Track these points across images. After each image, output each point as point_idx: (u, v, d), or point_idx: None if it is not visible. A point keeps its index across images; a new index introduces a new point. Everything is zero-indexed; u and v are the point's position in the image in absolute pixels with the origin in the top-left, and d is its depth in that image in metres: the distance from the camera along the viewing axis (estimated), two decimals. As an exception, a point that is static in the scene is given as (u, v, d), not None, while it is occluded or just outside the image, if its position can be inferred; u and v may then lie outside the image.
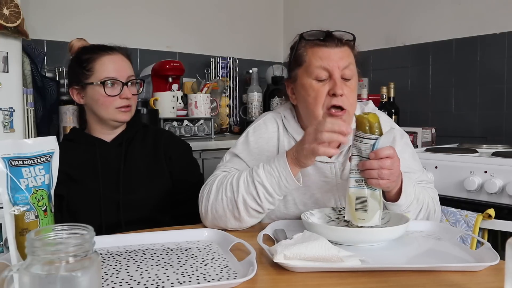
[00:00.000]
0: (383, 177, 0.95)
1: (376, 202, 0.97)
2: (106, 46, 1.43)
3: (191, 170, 1.52)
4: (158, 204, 1.39)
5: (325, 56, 1.15)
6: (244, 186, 1.05)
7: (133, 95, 1.43)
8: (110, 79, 1.38)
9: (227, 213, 1.07)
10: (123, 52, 1.45)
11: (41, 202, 0.72)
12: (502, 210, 1.56)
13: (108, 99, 1.38)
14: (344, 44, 1.18)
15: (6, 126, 1.60)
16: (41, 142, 0.75)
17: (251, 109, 2.73)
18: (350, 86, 1.16)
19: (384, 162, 0.94)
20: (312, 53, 1.17)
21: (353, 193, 0.98)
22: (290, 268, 0.81)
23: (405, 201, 1.05)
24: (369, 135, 0.96)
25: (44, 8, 2.25)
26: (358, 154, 0.97)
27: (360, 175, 0.97)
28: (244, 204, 1.05)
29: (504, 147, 1.95)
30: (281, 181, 1.03)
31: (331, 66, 1.14)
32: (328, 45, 1.16)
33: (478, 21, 2.30)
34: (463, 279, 0.77)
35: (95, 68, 1.38)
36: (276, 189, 1.04)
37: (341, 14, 2.90)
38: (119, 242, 0.98)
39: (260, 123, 1.28)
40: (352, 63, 1.18)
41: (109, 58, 1.40)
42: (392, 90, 2.38)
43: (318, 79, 1.15)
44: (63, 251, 0.53)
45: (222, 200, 1.07)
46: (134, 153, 1.43)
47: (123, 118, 1.41)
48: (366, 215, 0.97)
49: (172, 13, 2.74)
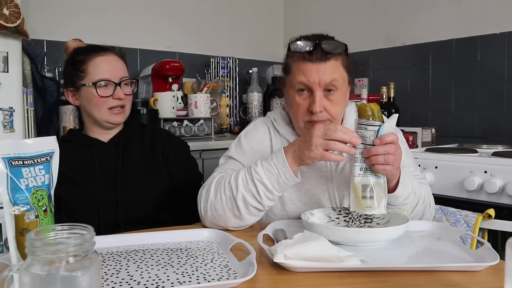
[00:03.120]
0: (388, 162, 0.97)
1: (382, 190, 0.99)
2: (100, 47, 1.43)
3: (189, 169, 1.51)
4: (156, 203, 1.39)
5: (307, 71, 1.13)
6: (243, 184, 1.05)
7: (127, 95, 1.42)
8: (103, 80, 1.38)
9: (227, 212, 1.07)
10: (117, 52, 1.45)
11: (41, 202, 0.72)
12: (502, 210, 1.56)
13: (101, 100, 1.37)
14: (331, 57, 1.14)
15: (6, 126, 1.60)
16: (41, 142, 0.75)
17: (251, 109, 2.73)
18: (334, 100, 1.15)
19: (389, 147, 0.97)
20: (296, 66, 1.16)
21: (359, 182, 0.99)
22: (290, 268, 0.81)
23: (403, 192, 1.06)
24: (373, 122, 0.98)
25: (44, 8, 2.25)
26: (363, 142, 0.99)
27: (365, 163, 0.99)
28: (244, 202, 1.05)
29: (504, 147, 1.95)
30: (280, 178, 1.03)
31: (311, 83, 1.13)
32: (314, 60, 1.13)
33: (478, 21, 2.30)
34: (463, 279, 0.77)
35: (88, 70, 1.38)
36: (275, 186, 1.04)
37: (341, 14, 2.90)
38: (119, 242, 0.98)
39: (251, 127, 1.31)
40: (338, 76, 1.15)
41: (102, 59, 1.40)
42: (392, 90, 2.38)
43: (299, 93, 1.16)
44: (63, 251, 0.53)
45: (221, 199, 1.07)
46: (131, 153, 1.43)
47: (116, 120, 1.41)
48: (372, 203, 0.98)
49: (172, 13, 2.74)
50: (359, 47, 2.79)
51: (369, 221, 1.06)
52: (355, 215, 1.07)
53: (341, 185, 1.20)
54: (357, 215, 1.06)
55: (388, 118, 0.99)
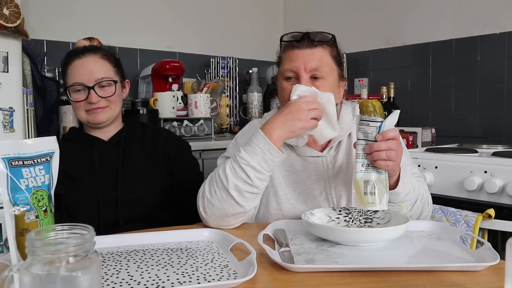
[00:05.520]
0: (390, 158, 0.98)
1: (383, 186, 1.00)
2: (80, 50, 1.41)
3: (190, 168, 1.51)
4: (157, 202, 1.39)
5: (294, 57, 1.19)
6: (232, 173, 1.06)
7: (104, 97, 1.38)
8: (76, 84, 1.37)
9: (224, 204, 1.07)
10: (102, 53, 1.42)
11: (41, 202, 0.72)
12: (502, 210, 1.56)
13: (77, 104, 1.39)
14: (317, 45, 1.19)
15: (6, 126, 1.60)
16: (41, 142, 0.75)
17: (251, 109, 2.73)
18: (321, 87, 1.16)
19: (391, 143, 0.98)
20: (286, 55, 1.22)
21: (361, 178, 1.00)
22: (290, 268, 0.81)
23: (403, 189, 1.07)
24: (374, 118, 1.00)
25: (44, 8, 2.25)
26: (365, 138, 1.00)
27: (367, 159, 1.00)
28: (237, 189, 1.06)
29: (504, 147, 1.95)
30: (266, 156, 1.05)
31: (297, 68, 1.18)
32: (301, 47, 1.19)
33: (478, 21, 2.30)
34: (463, 279, 0.77)
35: (68, 73, 1.40)
36: (263, 165, 1.06)
37: (341, 14, 2.90)
38: (119, 242, 0.98)
39: (247, 128, 1.34)
40: (325, 63, 1.19)
41: (78, 63, 1.39)
42: (392, 90, 2.38)
43: (287, 80, 1.20)
44: (64, 251, 0.53)
45: (215, 193, 1.08)
46: (132, 151, 1.43)
47: (96, 119, 1.39)
48: (375, 199, 0.99)
49: (172, 13, 2.74)
50: (359, 47, 2.79)
51: (369, 221, 1.06)
52: (355, 215, 1.07)
53: (339, 185, 1.20)
54: (357, 215, 1.06)
55: (390, 114, 1.00)
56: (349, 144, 1.25)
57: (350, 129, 1.25)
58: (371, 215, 1.05)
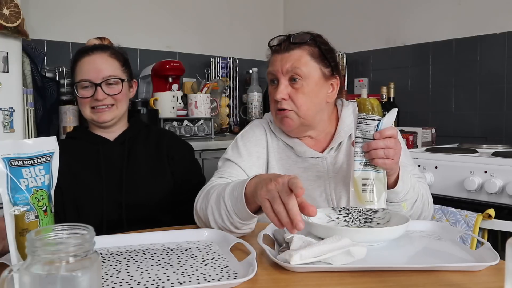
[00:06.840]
0: (388, 156, 0.98)
1: (381, 184, 1.00)
2: (89, 48, 1.43)
3: (193, 171, 1.52)
4: (159, 204, 1.40)
5: (273, 62, 1.22)
6: (219, 218, 1.00)
7: (111, 95, 1.39)
8: (83, 80, 1.39)
9: (218, 227, 1.02)
10: (111, 51, 1.44)
11: (41, 202, 0.72)
12: (502, 210, 1.56)
13: (83, 100, 1.40)
14: (294, 47, 1.19)
15: (6, 126, 1.60)
16: (41, 142, 0.75)
17: (251, 109, 2.73)
18: (299, 88, 1.18)
19: (389, 141, 0.98)
20: (270, 60, 1.25)
21: (359, 176, 1.00)
22: (290, 268, 0.81)
23: (403, 188, 1.07)
24: (372, 116, 1.00)
25: (44, 8, 2.25)
26: (363, 136, 1.00)
27: (365, 157, 1.00)
28: (233, 225, 0.99)
29: (504, 147, 1.95)
30: (237, 204, 0.95)
31: (275, 71, 1.20)
32: (279, 51, 1.21)
33: (478, 21, 2.30)
34: (463, 279, 0.77)
35: (76, 70, 1.42)
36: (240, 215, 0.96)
37: (341, 14, 2.90)
38: (119, 242, 0.98)
39: (247, 129, 1.33)
40: (303, 63, 1.18)
41: (87, 60, 1.40)
42: (392, 90, 2.38)
43: (271, 85, 1.23)
44: (64, 251, 0.53)
45: (208, 220, 1.03)
46: (137, 152, 1.43)
47: (100, 118, 1.40)
48: (373, 197, 0.99)
49: (172, 13, 2.74)
50: (359, 47, 2.79)
51: (369, 221, 1.06)
52: (355, 215, 1.07)
53: (339, 186, 1.20)
54: (357, 215, 1.06)
55: (388, 113, 1.00)
56: (349, 145, 1.25)
57: (350, 130, 1.25)
58: (371, 215, 1.05)
